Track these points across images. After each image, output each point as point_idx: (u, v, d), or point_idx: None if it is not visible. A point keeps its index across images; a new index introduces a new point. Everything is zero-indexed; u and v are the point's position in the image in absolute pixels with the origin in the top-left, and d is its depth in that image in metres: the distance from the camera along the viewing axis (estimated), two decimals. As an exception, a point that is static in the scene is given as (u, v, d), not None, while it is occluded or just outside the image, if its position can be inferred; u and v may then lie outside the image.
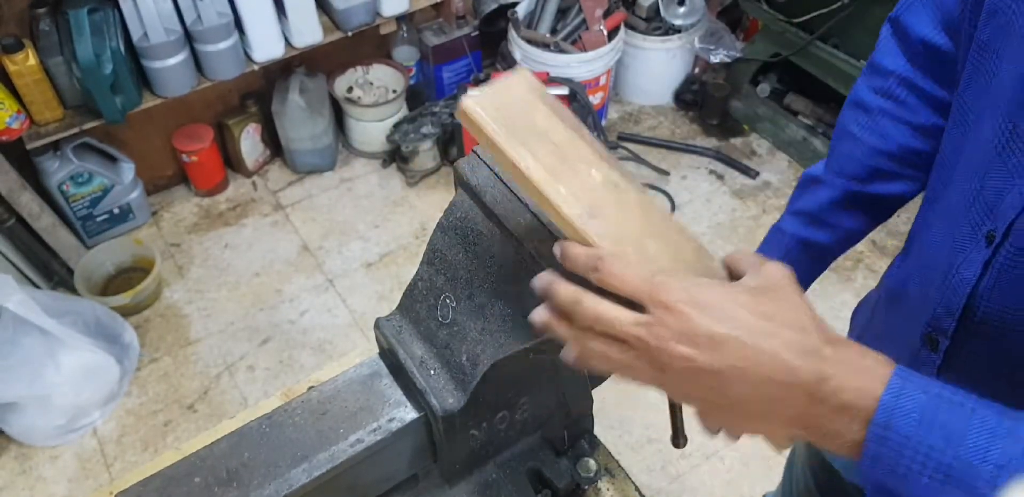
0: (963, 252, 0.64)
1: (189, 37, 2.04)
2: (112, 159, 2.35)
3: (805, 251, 0.96)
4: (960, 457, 0.46)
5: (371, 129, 2.60)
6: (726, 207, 2.58)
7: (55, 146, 2.16)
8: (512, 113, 0.56)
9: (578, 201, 0.54)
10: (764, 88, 2.67)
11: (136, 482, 0.69)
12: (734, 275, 0.56)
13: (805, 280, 0.98)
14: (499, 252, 0.67)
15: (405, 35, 2.58)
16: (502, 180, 0.70)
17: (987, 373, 0.65)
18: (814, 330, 0.49)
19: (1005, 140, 0.59)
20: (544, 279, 0.54)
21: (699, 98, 2.80)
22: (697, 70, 2.85)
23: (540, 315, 0.55)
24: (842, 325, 2.38)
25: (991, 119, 0.61)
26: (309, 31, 2.19)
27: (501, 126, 0.55)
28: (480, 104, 0.55)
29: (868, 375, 0.48)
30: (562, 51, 2.45)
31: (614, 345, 0.51)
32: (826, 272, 1.23)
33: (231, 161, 2.62)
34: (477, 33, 2.59)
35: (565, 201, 0.53)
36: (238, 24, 2.08)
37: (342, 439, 0.71)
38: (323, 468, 0.70)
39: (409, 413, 0.73)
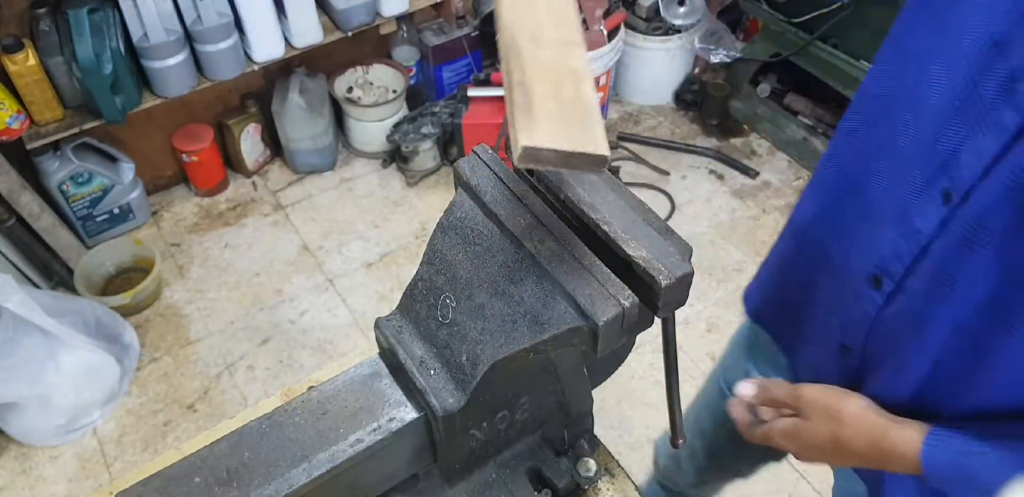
0: (917, 203, 0.70)
1: (189, 37, 2.04)
2: (112, 159, 2.35)
3: None
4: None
5: (371, 129, 2.60)
6: (726, 207, 2.58)
7: (55, 146, 2.16)
8: None
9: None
10: (764, 88, 2.67)
11: (136, 482, 0.69)
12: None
13: None
14: (499, 252, 0.67)
15: (405, 35, 2.58)
16: (502, 180, 0.70)
17: (928, 314, 0.72)
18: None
19: (965, 97, 0.65)
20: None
21: (699, 98, 2.80)
22: (697, 70, 2.85)
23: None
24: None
25: (947, 75, 0.67)
26: (309, 31, 2.19)
27: None
28: None
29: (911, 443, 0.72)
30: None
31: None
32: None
33: (231, 161, 2.62)
34: (477, 33, 2.59)
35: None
36: (238, 24, 2.08)
37: (342, 439, 0.71)
38: (323, 468, 0.70)
39: (409, 413, 0.73)
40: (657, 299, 0.62)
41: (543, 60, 0.61)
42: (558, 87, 0.60)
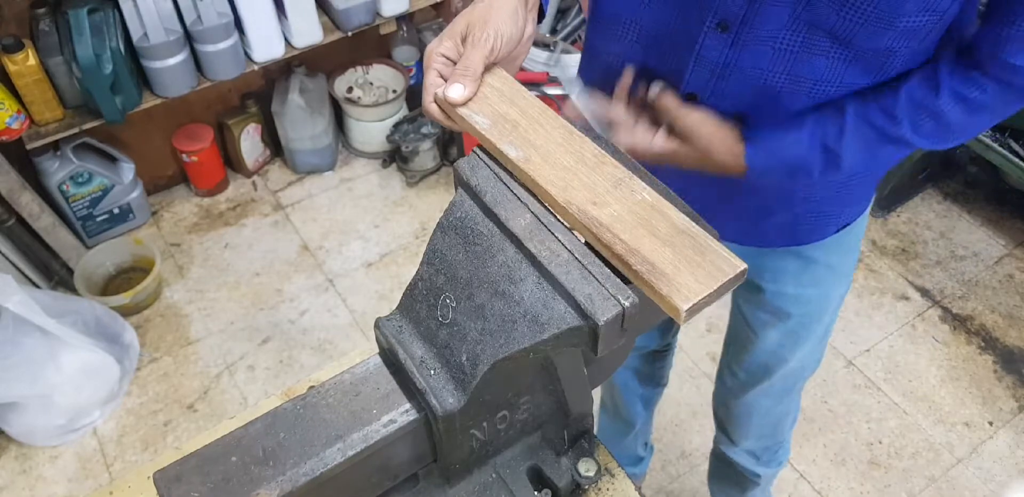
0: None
1: (189, 37, 2.04)
2: (112, 159, 2.36)
3: None
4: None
5: (371, 129, 2.60)
6: (726, 207, 2.57)
7: (55, 146, 2.16)
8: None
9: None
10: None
11: (173, 462, 0.70)
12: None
13: None
14: (499, 252, 0.67)
15: (405, 35, 2.58)
16: (502, 180, 0.70)
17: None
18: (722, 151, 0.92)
19: None
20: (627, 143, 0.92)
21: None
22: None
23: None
24: (841, 324, 2.36)
25: None
26: (309, 31, 2.19)
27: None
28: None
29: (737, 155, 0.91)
30: (562, 51, 2.45)
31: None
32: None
33: (231, 161, 2.62)
34: (477, 33, 2.58)
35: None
36: (238, 24, 2.08)
37: (375, 420, 0.72)
38: (357, 447, 0.71)
39: (411, 414, 0.73)
40: None
41: (620, 216, 0.63)
42: (653, 230, 0.62)
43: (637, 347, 1.54)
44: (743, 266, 0.60)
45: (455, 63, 0.77)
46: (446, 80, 0.77)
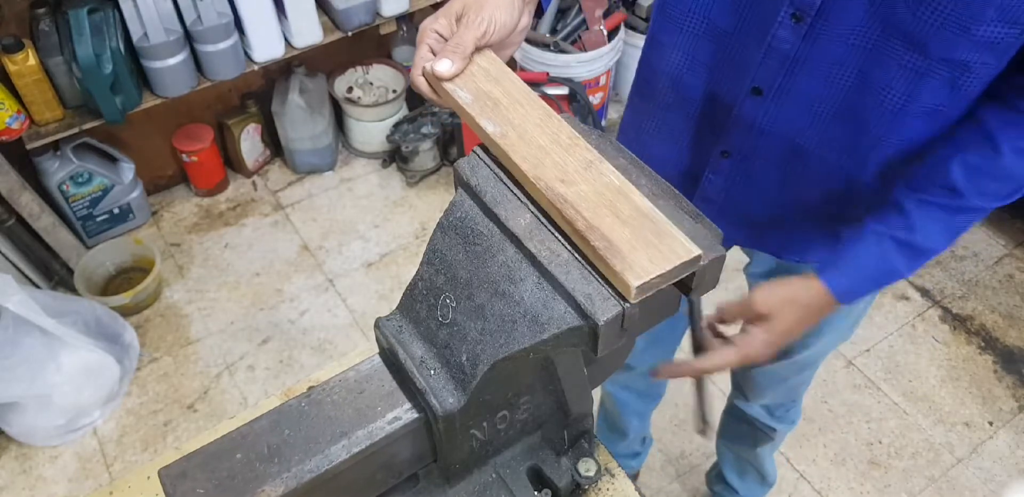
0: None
1: (189, 37, 2.04)
2: (112, 159, 2.35)
3: None
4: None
5: (371, 129, 2.60)
6: (726, 207, 2.58)
7: (55, 146, 2.16)
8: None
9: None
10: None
11: (179, 458, 0.70)
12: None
13: None
14: (499, 252, 0.67)
15: (405, 35, 2.57)
16: (502, 180, 0.70)
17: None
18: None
19: None
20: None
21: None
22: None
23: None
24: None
25: None
26: (309, 31, 2.19)
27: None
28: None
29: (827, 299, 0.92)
30: (562, 51, 2.45)
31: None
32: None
33: (231, 161, 2.62)
34: (477, 33, 2.58)
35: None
36: (238, 24, 2.08)
37: (380, 417, 0.72)
38: (362, 444, 0.71)
39: (411, 413, 0.73)
40: (691, 280, 0.64)
41: (586, 195, 0.65)
42: (615, 211, 0.63)
43: (641, 368, 1.54)
44: (697, 252, 0.61)
45: (447, 41, 0.78)
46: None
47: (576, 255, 0.64)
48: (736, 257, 2.47)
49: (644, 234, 0.62)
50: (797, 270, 1.09)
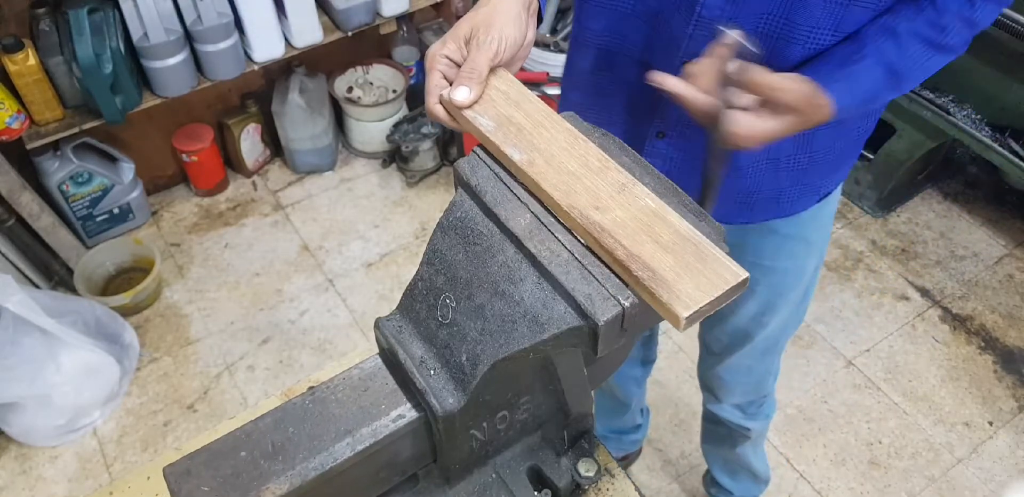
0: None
1: (189, 37, 2.04)
2: (112, 159, 2.35)
3: None
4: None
5: (371, 129, 2.60)
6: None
7: (55, 146, 2.16)
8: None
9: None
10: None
11: (183, 456, 0.70)
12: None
13: None
14: (499, 252, 0.67)
15: (405, 35, 2.58)
16: (502, 180, 0.70)
17: None
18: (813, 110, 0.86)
19: None
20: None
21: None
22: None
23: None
24: (841, 324, 2.36)
25: None
26: (309, 31, 2.19)
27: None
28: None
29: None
30: (562, 51, 2.45)
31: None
32: (826, 272, 1.25)
33: (231, 161, 2.62)
34: (477, 33, 2.58)
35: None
36: (238, 24, 2.08)
37: (384, 414, 0.72)
38: (366, 442, 0.71)
39: (410, 412, 0.73)
40: None
41: (623, 221, 0.63)
42: (655, 236, 0.62)
43: None
44: (745, 275, 0.60)
45: (458, 65, 0.77)
46: (449, 82, 0.77)
47: (576, 255, 0.64)
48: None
49: (687, 259, 0.60)
50: (745, 230, 1.12)
